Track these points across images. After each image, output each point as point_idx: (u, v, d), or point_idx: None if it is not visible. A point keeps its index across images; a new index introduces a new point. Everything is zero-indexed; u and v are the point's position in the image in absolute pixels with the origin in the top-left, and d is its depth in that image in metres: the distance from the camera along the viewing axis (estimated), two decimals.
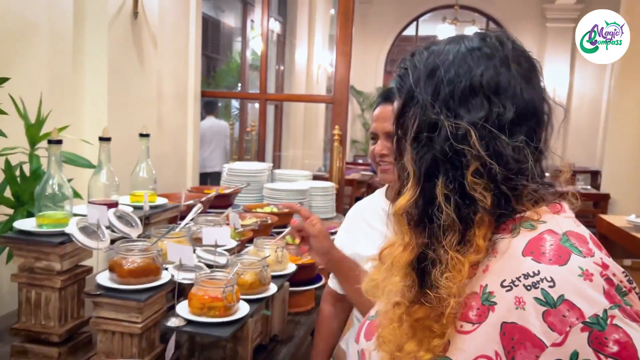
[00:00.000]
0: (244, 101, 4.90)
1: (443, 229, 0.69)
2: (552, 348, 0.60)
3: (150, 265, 1.25)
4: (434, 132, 0.72)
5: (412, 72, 0.77)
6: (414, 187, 0.73)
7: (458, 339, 0.66)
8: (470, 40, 0.76)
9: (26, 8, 1.95)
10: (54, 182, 1.30)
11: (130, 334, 1.22)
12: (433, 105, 0.73)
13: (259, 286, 1.39)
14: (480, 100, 0.71)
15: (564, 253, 0.65)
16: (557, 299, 0.61)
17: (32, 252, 1.27)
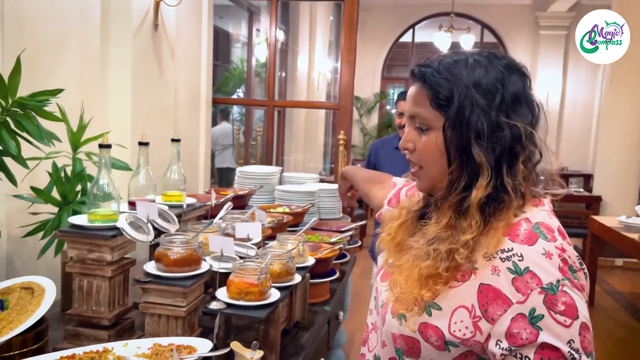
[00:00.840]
0: (249, 107, 5.06)
1: (501, 208, 0.87)
2: (516, 305, 0.80)
3: (192, 255, 1.41)
4: (500, 130, 0.87)
5: (454, 80, 0.89)
6: (488, 177, 0.87)
7: (445, 291, 0.87)
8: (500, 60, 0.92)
9: (59, 22, 2.10)
10: (104, 182, 1.45)
11: (175, 317, 1.38)
12: (490, 109, 0.87)
13: (286, 275, 1.54)
14: (523, 106, 0.90)
15: (534, 237, 0.85)
16: (524, 269, 0.82)
17: (86, 244, 1.42)
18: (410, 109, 0.97)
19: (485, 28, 10.28)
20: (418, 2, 9.99)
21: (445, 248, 0.87)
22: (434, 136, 0.92)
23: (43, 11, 2.00)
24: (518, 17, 9.78)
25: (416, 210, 1.05)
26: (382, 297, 1.00)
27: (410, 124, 0.98)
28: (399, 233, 1.04)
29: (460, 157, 0.89)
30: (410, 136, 0.97)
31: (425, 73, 0.92)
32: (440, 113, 0.91)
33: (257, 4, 5.16)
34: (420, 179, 0.98)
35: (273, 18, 3.66)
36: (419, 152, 0.96)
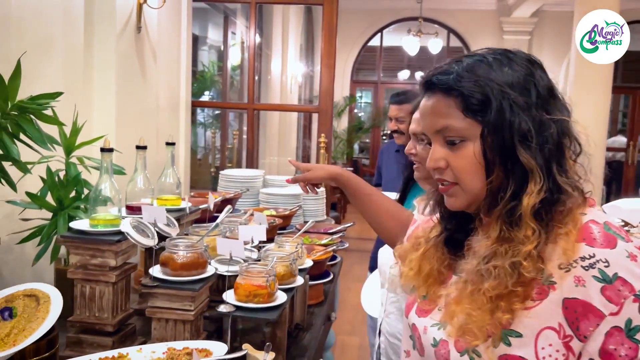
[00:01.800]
0: (225, 111, 5.04)
1: (562, 210, 0.80)
2: (610, 317, 0.74)
3: (198, 259, 1.41)
4: (546, 129, 0.81)
5: (485, 83, 0.82)
6: (540, 181, 0.79)
7: (522, 314, 0.78)
8: (516, 54, 0.87)
9: (44, 25, 2.05)
10: (106, 186, 1.43)
11: (183, 321, 1.37)
12: (529, 107, 0.81)
13: (289, 277, 1.56)
14: (557, 99, 0.85)
15: (612, 239, 0.78)
16: (612, 276, 0.75)
17: (89, 250, 1.40)
18: (433, 123, 0.87)
19: (452, 33, 10.50)
20: (386, 6, 10.13)
21: (508, 262, 0.78)
22: (471, 147, 0.83)
23: (29, 14, 1.95)
24: (483, 22, 10.03)
25: (437, 236, 0.98)
26: (434, 335, 0.89)
27: (436, 139, 0.88)
28: (425, 263, 0.96)
29: (505, 164, 0.82)
30: (440, 154, 0.87)
31: (448, 80, 0.84)
32: (476, 120, 0.83)
33: (233, 7, 5.15)
34: (456, 196, 0.88)
35: (252, 21, 3.66)
36: (455, 168, 0.86)
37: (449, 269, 0.95)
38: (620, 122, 11.12)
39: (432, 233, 0.99)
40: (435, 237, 0.98)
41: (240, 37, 5.50)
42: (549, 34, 9.46)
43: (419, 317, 0.95)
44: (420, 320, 0.95)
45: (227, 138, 5.31)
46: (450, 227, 0.97)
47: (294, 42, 7.09)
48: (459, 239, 0.95)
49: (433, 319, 0.92)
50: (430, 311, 0.93)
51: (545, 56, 9.73)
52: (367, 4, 9.92)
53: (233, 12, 5.27)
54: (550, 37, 9.46)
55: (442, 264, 0.95)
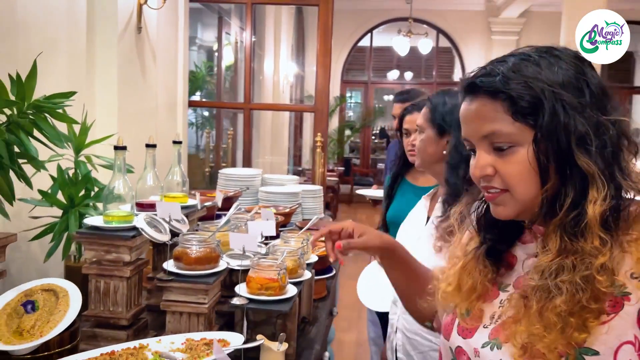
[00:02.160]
0: (219, 110, 5.07)
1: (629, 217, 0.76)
2: None
3: (211, 253, 1.45)
4: (605, 131, 0.76)
5: (535, 84, 0.77)
6: (604, 187, 0.75)
7: (596, 330, 0.73)
8: (563, 52, 0.82)
9: (48, 26, 2.08)
10: (119, 183, 1.47)
11: (197, 314, 1.41)
12: (584, 107, 0.76)
13: (298, 271, 1.60)
14: (611, 98, 0.80)
15: None
16: None
17: (104, 245, 1.43)
18: (478, 128, 0.82)
19: (441, 33, 10.60)
20: (376, 7, 10.21)
21: (579, 277, 0.73)
22: (524, 152, 0.78)
23: (34, 16, 1.97)
24: (472, 22, 10.15)
25: (477, 247, 0.92)
26: (490, 357, 0.83)
27: (481, 146, 0.83)
28: (466, 278, 0.90)
29: (562, 170, 0.77)
30: (487, 160, 0.82)
31: (494, 82, 0.79)
32: (527, 124, 0.78)
33: (227, 7, 5.18)
34: (506, 205, 0.82)
35: (248, 21, 3.70)
36: (505, 175, 0.80)
37: (492, 283, 0.90)
38: None
39: (470, 245, 0.94)
40: (475, 249, 0.91)
41: (234, 38, 5.53)
42: (537, 35, 9.58)
43: (464, 338, 0.88)
44: (467, 342, 0.87)
45: (221, 138, 5.34)
46: (491, 237, 0.91)
47: (285, 43, 7.13)
48: (501, 250, 0.91)
49: (481, 338, 0.85)
50: (475, 330, 0.87)
51: None
52: (357, 5, 9.99)
53: (227, 12, 5.30)
54: (538, 37, 9.56)
55: (485, 278, 0.89)
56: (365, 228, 1.14)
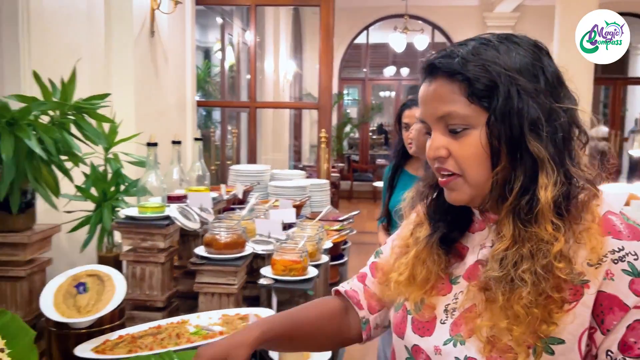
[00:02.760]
0: (224, 110, 5.20)
1: (579, 204, 0.76)
2: (634, 310, 0.71)
3: (238, 239, 1.58)
4: (557, 117, 0.77)
5: (492, 67, 0.77)
6: (553, 173, 0.75)
7: (560, 320, 0.73)
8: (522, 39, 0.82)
9: (70, 32, 2.20)
10: (152, 177, 1.60)
11: (227, 294, 1.54)
12: (538, 94, 0.77)
13: (316, 255, 1.73)
14: (564, 86, 0.81)
15: (636, 230, 0.76)
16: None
17: (140, 234, 1.56)
18: (435, 109, 0.81)
19: (436, 29, 10.72)
20: (372, 4, 10.32)
21: (540, 265, 0.73)
22: (477, 135, 0.78)
23: (58, 22, 2.10)
24: (466, 17, 10.27)
25: (430, 235, 0.89)
26: (455, 354, 0.80)
27: (437, 127, 0.82)
28: (419, 268, 0.88)
29: (513, 154, 0.77)
30: (441, 142, 0.81)
31: (452, 64, 0.78)
32: (481, 107, 0.77)
33: (229, 9, 5.30)
34: (459, 189, 0.81)
35: (252, 22, 3.82)
36: (458, 157, 0.80)
37: (444, 273, 0.88)
38: (601, 112, 11.46)
39: (421, 232, 0.91)
40: (428, 236, 0.89)
41: (236, 38, 5.65)
42: (531, 28, 9.71)
43: (422, 336, 0.85)
44: (426, 340, 0.85)
45: (226, 136, 5.46)
46: (444, 224, 0.89)
47: (284, 42, 7.26)
48: (454, 238, 0.89)
49: (442, 335, 0.83)
50: (432, 327, 0.85)
51: None
52: (353, 3, 10.10)
53: (229, 14, 5.42)
54: (532, 31, 9.56)
55: (439, 267, 0.87)
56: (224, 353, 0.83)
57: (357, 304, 1.00)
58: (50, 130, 1.30)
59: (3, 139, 1.26)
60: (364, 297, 1.01)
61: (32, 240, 1.39)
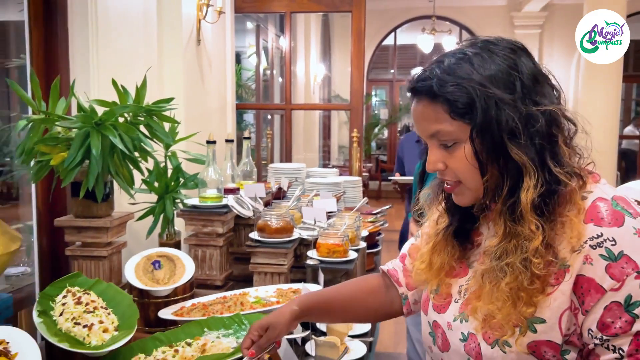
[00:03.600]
0: (259, 112, 5.43)
1: (561, 200, 0.81)
2: (610, 292, 0.76)
3: (287, 225, 1.78)
4: (534, 122, 0.80)
5: (467, 85, 0.81)
6: (535, 176, 0.80)
7: (542, 301, 0.80)
8: (497, 44, 0.86)
9: (128, 41, 2.44)
10: (211, 171, 1.81)
11: (278, 273, 1.74)
12: (515, 101, 0.80)
13: (355, 240, 1.92)
14: (544, 85, 0.85)
15: (619, 216, 0.79)
16: (618, 254, 0.76)
17: (202, 220, 1.78)
18: (425, 128, 0.88)
19: (464, 29, 10.79)
20: (399, 6, 10.46)
21: (519, 260, 0.80)
22: (463, 149, 0.84)
23: (119, 32, 2.34)
24: (494, 17, 10.31)
25: (446, 227, 0.98)
26: (461, 330, 0.91)
27: (432, 143, 0.89)
28: (435, 257, 0.97)
29: (497, 162, 0.83)
30: (437, 156, 0.88)
31: (432, 86, 0.84)
32: (464, 122, 0.83)
33: (263, 16, 5.54)
34: (462, 194, 0.90)
35: (288, 28, 4.03)
36: (453, 169, 0.87)
37: (461, 261, 0.96)
38: (634, 110, 11.34)
39: (439, 224, 1.00)
40: (444, 229, 0.98)
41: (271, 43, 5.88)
42: (559, 27, 9.73)
43: (439, 313, 0.96)
44: (442, 317, 0.95)
45: (261, 137, 5.70)
46: (458, 217, 0.97)
47: (314, 46, 7.47)
48: (468, 229, 0.97)
49: (453, 312, 0.94)
50: (448, 305, 0.95)
51: (556, 48, 10.01)
52: (381, 5, 10.26)
53: (263, 20, 5.66)
54: (561, 30, 9.73)
55: (452, 257, 0.96)
56: (267, 321, 1.01)
57: (396, 281, 1.12)
58: (130, 130, 1.52)
59: (92, 137, 1.48)
60: (403, 275, 1.12)
61: (113, 225, 1.61)
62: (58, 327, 1.11)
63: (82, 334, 1.09)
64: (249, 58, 6.46)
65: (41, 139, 1.52)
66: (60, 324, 1.12)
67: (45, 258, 1.94)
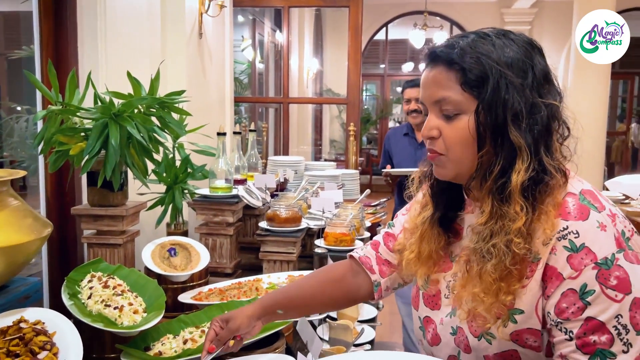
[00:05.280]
0: (254, 105, 5.47)
1: (545, 190, 0.85)
2: (568, 280, 0.81)
3: (296, 214, 1.84)
4: (537, 111, 0.85)
5: (485, 60, 0.85)
6: (527, 161, 0.84)
7: (520, 292, 0.86)
8: (518, 36, 0.90)
9: (134, 33, 2.48)
10: (221, 162, 1.86)
11: (287, 261, 1.80)
12: (524, 89, 0.85)
13: (360, 230, 1.99)
14: (552, 84, 0.89)
15: (585, 210, 0.84)
16: (579, 246, 0.81)
17: (212, 210, 1.83)
18: (432, 93, 0.90)
19: (455, 25, 10.88)
20: (391, 1, 10.52)
21: (503, 240, 0.84)
22: (466, 120, 0.87)
23: (127, 19, 2.38)
24: (485, 14, 10.41)
25: (431, 216, 1.00)
26: (451, 324, 0.95)
27: (433, 110, 0.92)
28: (424, 245, 1.00)
29: (495, 140, 0.86)
30: (434, 123, 0.91)
31: (451, 54, 0.87)
32: (472, 95, 0.86)
33: (260, 10, 5.56)
34: (444, 166, 0.92)
35: (285, 23, 4.08)
36: (447, 139, 0.90)
37: (445, 253, 1.00)
38: (620, 107, 11.52)
39: (425, 212, 1.02)
40: (430, 217, 1.00)
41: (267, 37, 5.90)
42: (549, 24, 9.85)
43: (432, 309, 1.00)
44: (435, 313, 0.99)
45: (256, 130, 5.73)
46: (442, 202, 1.00)
47: (308, 41, 7.51)
48: (451, 218, 1.00)
49: (446, 309, 0.97)
50: (439, 301, 0.99)
51: (545, 45, 9.97)
52: (374, 0, 10.31)
53: (259, 13, 5.68)
54: (550, 26, 9.85)
55: (439, 246, 0.99)
56: (228, 315, 1.04)
57: (369, 269, 1.12)
58: (148, 121, 1.57)
59: (111, 127, 1.53)
60: (376, 262, 1.13)
61: (128, 214, 1.66)
62: (88, 310, 1.16)
63: (113, 315, 1.14)
64: (243, 51, 6.48)
65: (59, 129, 1.56)
66: (90, 306, 1.16)
67: (54, 247, 1.98)
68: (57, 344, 0.97)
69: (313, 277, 1.17)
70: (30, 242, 1.09)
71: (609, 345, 0.78)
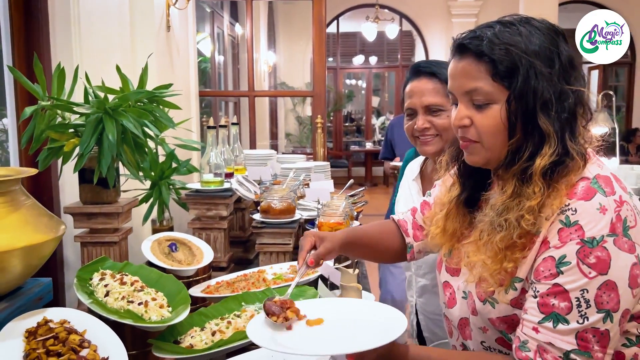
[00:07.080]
0: (216, 99, 5.39)
1: (563, 171, 0.89)
2: (552, 249, 0.86)
3: (290, 206, 1.84)
4: (565, 98, 0.88)
5: (514, 51, 0.88)
6: (554, 145, 0.87)
7: (521, 262, 0.91)
8: (541, 23, 0.93)
9: (105, 26, 2.40)
10: (212, 156, 1.84)
11: (284, 252, 1.81)
12: (552, 75, 0.88)
13: (351, 219, 2.02)
14: (577, 70, 0.92)
15: (591, 192, 0.87)
16: (573, 222, 0.85)
17: (205, 204, 1.82)
18: (462, 84, 0.93)
19: (404, 18, 11.07)
20: None
21: (515, 216, 0.88)
22: (497, 110, 0.90)
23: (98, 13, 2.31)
24: (432, 7, 10.64)
25: (458, 196, 1.06)
26: (463, 289, 1.03)
27: (463, 100, 0.94)
28: (449, 223, 1.06)
29: (525, 128, 0.89)
30: (466, 112, 0.94)
31: (480, 45, 0.90)
32: (503, 86, 0.89)
33: (219, 3, 5.47)
34: (476, 153, 0.95)
35: (249, 16, 4.04)
36: (479, 127, 0.93)
37: (470, 227, 1.05)
38: None
39: (452, 192, 1.07)
40: (457, 197, 1.06)
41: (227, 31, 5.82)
42: (495, 16, 10.00)
43: (452, 275, 1.08)
44: (454, 279, 1.07)
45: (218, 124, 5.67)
46: (469, 184, 1.05)
47: (263, 35, 7.47)
48: (477, 197, 1.05)
49: (463, 276, 1.05)
50: (459, 270, 1.06)
51: None
52: None
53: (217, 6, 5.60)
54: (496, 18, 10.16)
55: (463, 225, 1.05)
56: (324, 234, 1.15)
57: (405, 231, 1.24)
58: (144, 115, 1.54)
59: (107, 123, 1.49)
60: (411, 227, 1.24)
61: (123, 211, 1.62)
62: (109, 307, 1.13)
63: (139, 310, 1.12)
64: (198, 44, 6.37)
65: (50, 126, 1.51)
66: (110, 303, 1.14)
67: None
68: (93, 342, 0.94)
69: (372, 227, 1.29)
70: (49, 241, 1.05)
71: (565, 313, 0.83)
